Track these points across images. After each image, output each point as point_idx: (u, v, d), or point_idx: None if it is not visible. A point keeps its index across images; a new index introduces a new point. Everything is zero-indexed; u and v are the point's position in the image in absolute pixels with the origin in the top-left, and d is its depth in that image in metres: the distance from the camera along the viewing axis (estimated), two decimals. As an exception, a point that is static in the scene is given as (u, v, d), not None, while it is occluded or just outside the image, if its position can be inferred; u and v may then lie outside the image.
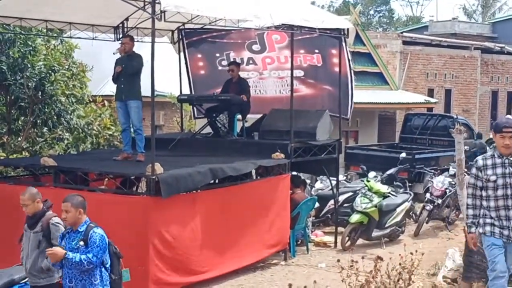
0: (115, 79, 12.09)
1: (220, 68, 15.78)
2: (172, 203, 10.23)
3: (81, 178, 11.11)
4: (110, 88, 15.50)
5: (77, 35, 14.54)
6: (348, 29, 13.95)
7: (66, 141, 15.17)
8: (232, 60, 15.39)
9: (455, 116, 22.71)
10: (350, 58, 14.71)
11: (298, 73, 14.94)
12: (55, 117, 14.81)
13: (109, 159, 12.18)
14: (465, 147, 13.39)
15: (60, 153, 14.54)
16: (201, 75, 16.17)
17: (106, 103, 15.99)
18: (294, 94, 14.08)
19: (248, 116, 14.78)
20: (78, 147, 15.07)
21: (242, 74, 15.29)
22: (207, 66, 16.13)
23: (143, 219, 10.09)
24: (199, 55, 16.17)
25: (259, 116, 14.84)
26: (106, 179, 12.06)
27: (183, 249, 10.43)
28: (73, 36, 14.80)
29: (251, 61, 15.73)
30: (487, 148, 22.32)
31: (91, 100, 15.94)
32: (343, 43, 14.09)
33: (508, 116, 27.13)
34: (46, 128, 14.96)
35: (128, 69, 11.74)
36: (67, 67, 15.06)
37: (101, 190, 11.42)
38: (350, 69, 14.60)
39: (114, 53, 12.08)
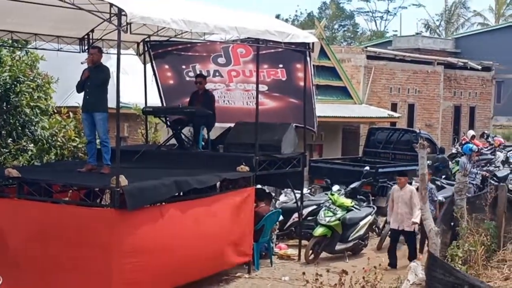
0: (80, 87, 12.04)
1: (188, 79, 15.85)
2: (136, 216, 10.23)
3: (45, 190, 11.02)
4: (75, 100, 15.44)
5: (42, 46, 14.47)
6: (313, 43, 14.09)
7: (30, 152, 15.04)
8: (198, 72, 15.46)
9: (418, 131, 22.96)
10: (313, 72, 14.84)
11: (262, 87, 14.99)
12: (20, 128, 14.69)
13: (73, 171, 12.11)
14: (428, 162, 13.56)
15: (24, 164, 14.42)
16: (170, 85, 16.27)
17: (71, 114, 15.88)
18: (260, 107, 14.17)
19: (217, 125, 14.89)
20: (42, 159, 14.95)
21: (210, 85, 15.39)
22: (174, 76, 16.23)
23: (107, 231, 10.07)
24: (166, 66, 16.25)
25: (227, 125, 14.95)
26: (70, 191, 11.98)
27: (147, 261, 10.40)
28: (38, 47, 14.73)
29: (217, 73, 15.82)
30: (449, 163, 22.63)
31: (55, 111, 15.83)
32: (308, 58, 14.21)
33: (470, 131, 27.55)
34: (10, 139, 14.83)
35: (94, 81, 11.72)
36: (32, 78, 14.95)
37: (65, 202, 11.37)
38: (312, 83, 14.73)
39: (82, 63, 12.06)
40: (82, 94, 12.10)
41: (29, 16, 12.71)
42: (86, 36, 14.43)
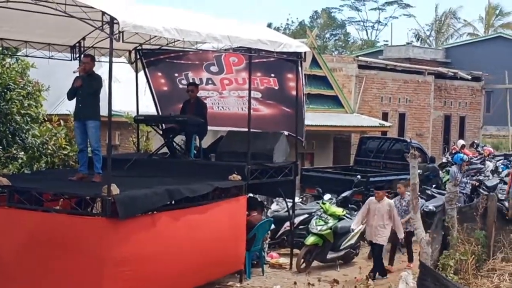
0: (71, 95, 12.00)
1: (180, 86, 15.87)
2: (128, 224, 10.19)
3: (35, 198, 10.97)
4: (66, 107, 15.43)
5: (33, 53, 14.43)
6: (305, 53, 14.11)
7: (20, 160, 14.98)
8: (191, 80, 15.48)
9: (408, 140, 23.03)
10: (304, 82, 14.87)
11: (256, 94, 15.05)
12: (10, 136, 14.63)
13: (64, 179, 12.07)
14: (418, 171, 13.59)
15: (14, 172, 14.36)
16: (164, 91, 16.32)
17: (61, 122, 15.84)
18: (255, 113, 14.23)
19: (214, 128, 14.88)
20: (32, 167, 14.89)
21: (203, 93, 15.43)
22: (168, 83, 16.27)
23: (98, 239, 10.02)
24: (159, 73, 16.29)
25: (224, 129, 15.13)
26: (61, 199, 11.93)
27: (138, 270, 10.36)
28: (29, 54, 14.69)
29: (210, 81, 15.85)
30: (440, 172, 22.69)
31: (46, 119, 15.78)
32: (299, 67, 14.23)
33: (461, 140, 27.65)
34: (0, 147, 14.77)
35: (87, 89, 11.71)
36: (22, 85, 14.90)
37: (56, 211, 11.31)
38: (303, 93, 14.76)
39: (74, 72, 12.04)
40: (73, 102, 12.07)
41: (19, 24, 12.67)
42: (77, 44, 14.40)
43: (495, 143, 38.92)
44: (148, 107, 16.66)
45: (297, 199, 16.03)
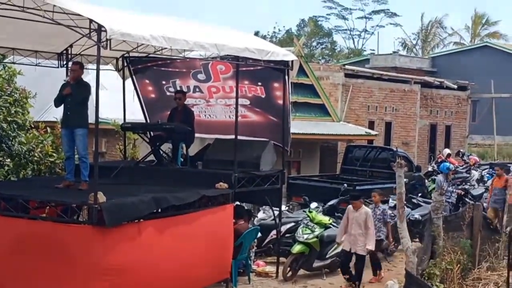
0: (59, 102, 11.97)
1: (168, 94, 15.87)
2: (114, 232, 10.16)
3: (22, 206, 10.93)
4: (53, 114, 15.40)
5: (20, 60, 14.39)
6: (292, 61, 14.15)
7: (6, 167, 14.93)
8: (178, 88, 15.49)
9: (394, 149, 23.11)
10: (291, 90, 14.90)
11: (244, 101, 15.09)
12: (-4, 143, 14.60)
13: (50, 187, 12.02)
14: (404, 180, 13.64)
15: (0, 180, 14.31)
16: (152, 98, 16.32)
17: (48, 129, 15.79)
18: (244, 119, 14.23)
19: (200, 136, 14.86)
20: (19, 174, 14.84)
21: (190, 101, 15.42)
22: (155, 91, 16.27)
23: (85, 247, 10.00)
24: (147, 81, 16.28)
25: (212, 136, 15.18)
26: (48, 207, 11.88)
27: (125, 279, 10.33)
28: (16, 61, 14.66)
29: (197, 89, 15.86)
30: (426, 181, 22.78)
31: (33, 126, 15.73)
32: (286, 76, 14.26)
33: (446, 149, 27.77)
34: (-14, 154, 14.73)
35: (75, 97, 11.67)
36: (9, 92, 14.87)
37: (42, 218, 11.27)
38: (289, 101, 14.80)
39: (65, 81, 12.02)
40: (60, 109, 12.05)
41: (6, 31, 12.63)
42: (64, 51, 14.38)
43: (481, 152, 39.11)
44: (135, 115, 16.65)
45: (283, 208, 16.04)
